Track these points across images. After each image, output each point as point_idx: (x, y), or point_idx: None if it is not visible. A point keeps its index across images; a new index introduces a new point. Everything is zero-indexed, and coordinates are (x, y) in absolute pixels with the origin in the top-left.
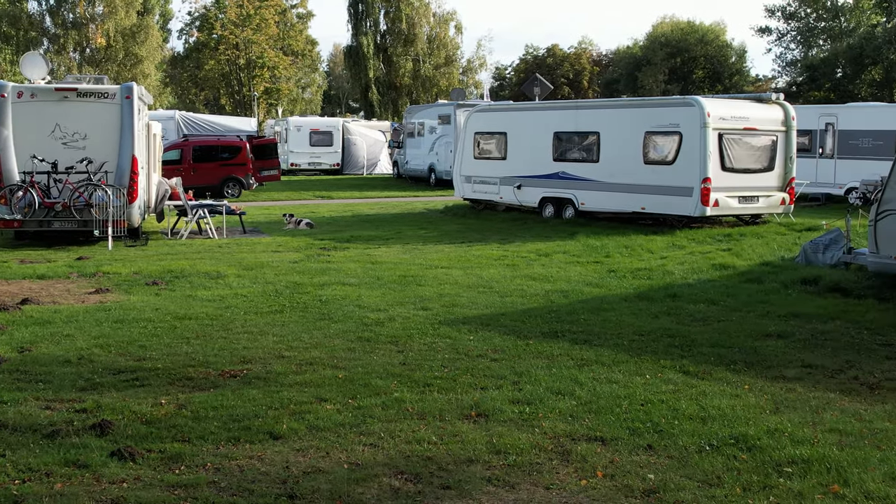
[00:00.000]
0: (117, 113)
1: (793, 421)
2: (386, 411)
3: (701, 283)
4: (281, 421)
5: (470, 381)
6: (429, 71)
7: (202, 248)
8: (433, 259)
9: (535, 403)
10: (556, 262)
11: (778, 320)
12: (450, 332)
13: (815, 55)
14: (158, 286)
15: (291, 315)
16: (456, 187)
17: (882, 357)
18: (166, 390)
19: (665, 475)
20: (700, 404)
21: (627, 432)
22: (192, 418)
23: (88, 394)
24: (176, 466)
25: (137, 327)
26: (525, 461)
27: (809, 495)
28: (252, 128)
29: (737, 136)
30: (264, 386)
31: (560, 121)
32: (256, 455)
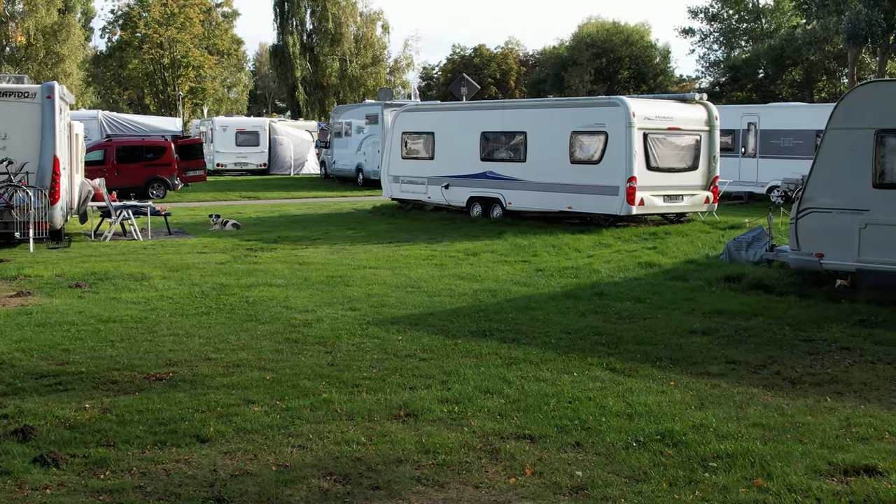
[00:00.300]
0: (38, 113)
1: (717, 416)
2: (314, 412)
3: (627, 282)
4: (208, 424)
5: (398, 381)
6: (356, 71)
7: (127, 249)
8: (361, 259)
9: (464, 402)
10: (484, 261)
11: (702, 317)
12: (378, 333)
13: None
14: (82, 289)
15: (218, 317)
16: (384, 187)
17: (803, 352)
18: (90, 394)
19: (593, 472)
20: (627, 401)
21: (555, 430)
22: (116, 422)
23: (10, 399)
24: (100, 472)
25: (60, 331)
26: (454, 460)
27: (734, 489)
28: (177, 128)
29: (661, 136)
30: (191, 389)
31: (487, 121)
32: (183, 459)
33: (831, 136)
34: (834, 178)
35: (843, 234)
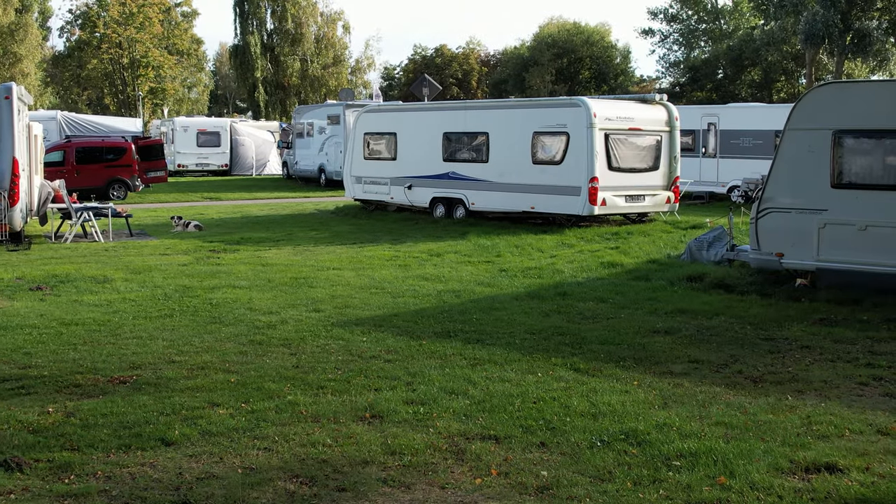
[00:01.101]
0: None
1: (680, 415)
2: (280, 415)
3: (590, 282)
4: (173, 427)
5: (364, 383)
6: (317, 71)
7: (88, 251)
8: (325, 260)
9: (429, 403)
10: (447, 262)
11: (665, 317)
12: (343, 334)
13: (696, 56)
14: (43, 291)
15: (181, 319)
16: (346, 188)
17: (765, 351)
18: (53, 398)
19: (558, 472)
20: (591, 401)
21: (520, 430)
22: (80, 426)
23: None
24: (65, 476)
25: (22, 334)
26: (420, 461)
27: (697, 487)
28: (137, 128)
29: (622, 137)
30: (155, 392)
31: (449, 121)
32: (148, 462)
33: (790, 136)
34: (793, 179)
35: (802, 233)
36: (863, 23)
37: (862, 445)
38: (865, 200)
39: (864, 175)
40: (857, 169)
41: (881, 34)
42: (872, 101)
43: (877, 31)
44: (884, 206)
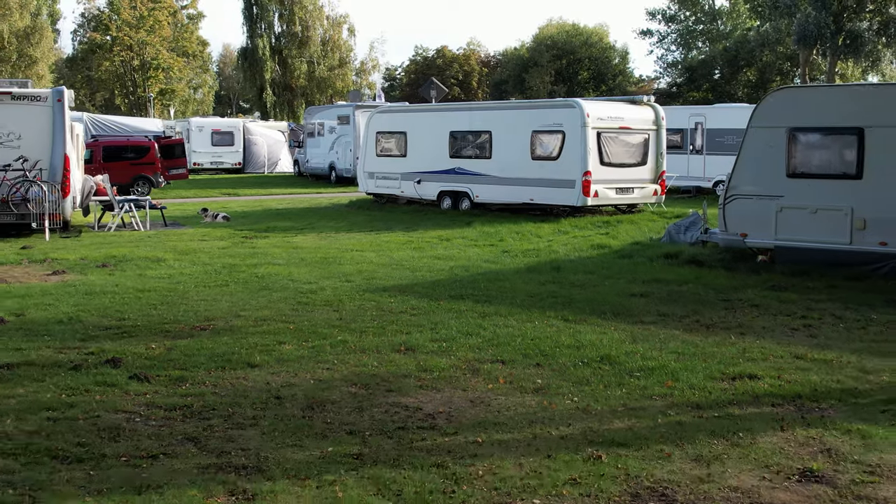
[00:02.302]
0: (49, 115)
1: (644, 347)
2: (334, 348)
3: (581, 259)
4: (254, 355)
5: (396, 329)
6: (323, 72)
7: (132, 238)
8: (348, 244)
9: (450, 341)
10: (456, 245)
11: (642, 284)
12: (373, 297)
13: (693, 57)
14: (108, 268)
15: (235, 288)
16: (360, 183)
17: (721, 308)
18: (152, 339)
19: (549, 380)
20: (576, 339)
21: (521, 356)
22: (182, 356)
23: (89, 343)
24: (181, 385)
25: (106, 298)
26: (445, 375)
27: (650, 387)
28: (159, 128)
29: (613, 135)
30: (231, 335)
31: (455, 121)
32: (241, 377)
33: (752, 133)
34: (754, 170)
35: (762, 216)
36: (854, 24)
37: (779, 364)
38: (815, 188)
39: (814, 166)
40: (808, 161)
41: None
42: (821, 104)
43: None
44: (830, 193)
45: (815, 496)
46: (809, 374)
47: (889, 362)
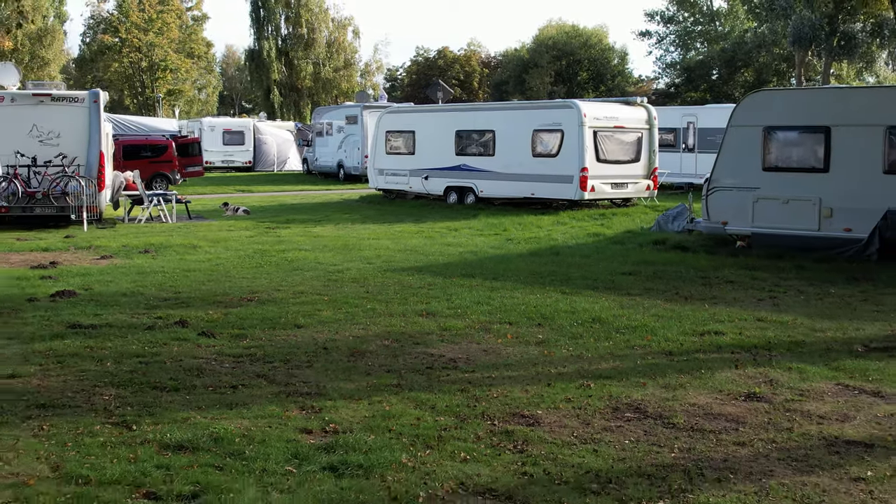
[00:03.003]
0: (86, 115)
1: (630, 312)
2: (366, 314)
3: (577, 245)
4: (298, 319)
5: (417, 300)
6: (329, 74)
7: (163, 229)
8: (364, 234)
9: (464, 308)
10: (463, 234)
11: (631, 265)
12: (394, 276)
13: (691, 57)
14: (150, 254)
15: (270, 269)
16: (370, 179)
17: (699, 284)
18: (208, 308)
19: (548, 336)
20: (572, 306)
21: (525, 319)
22: (237, 319)
23: (155, 310)
24: (242, 340)
25: (158, 277)
26: (462, 332)
27: (633, 340)
28: (174, 128)
29: (609, 133)
30: (275, 305)
31: (461, 121)
32: (291, 335)
33: (731, 131)
34: (733, 164)
35: (741, 206)
36: (848, 26)
37: (742, 325)
38: (787, 180)
39: (786, 161)
40: (781, 156)
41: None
42: (793, 105)
43: (861, 33)
44: (801, 185)
45: (755, 409)
46: (766, 332)
47: (836, 323)
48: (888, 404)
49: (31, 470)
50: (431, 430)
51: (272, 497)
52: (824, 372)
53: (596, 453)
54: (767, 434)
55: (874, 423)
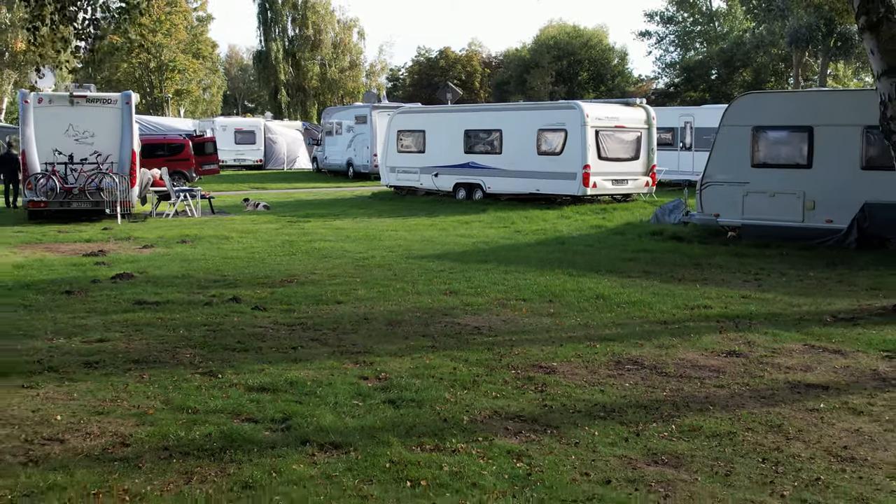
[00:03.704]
0: (119, 115)
1: (630, 290)
2: (396, 292)
3: (581, 236)
4: (337, 296)
5: (440, 281)
6: (335, 74)
7: (192, 222)
8: (381, 226)
9: (482, 287)
10: (475, 227)
11: (631, 253)
12: (416, 262)
13: (691, 57)
14: (188, 244)
15: (302, 257)
16: (382, 176)
17: (692, 268)
18: (255, 288)
19: (558, 309)
20: (578, 285)
21: (537, 296)
22: (283, 297)
23: (208, 290)
24: (292, 313)
25: (201, 263)
26: (482, 307)
27: (632, 312)
28: (190, 127)
29: (609, 132)
30: (314, 286)
31: (469, 121)
32: (333, 309)
33: (723, 131)
34: (725, 161)
35: (731, 200)
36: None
37: (728, 301)
38: (774, 176)
39: (773, 158)
40: (769, 153)
41: None
42: (779, 106)
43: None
44: (786, 180)
45: (734, 362)
46: (749, 306)
47: (811, 299)
48: (845, 359)
49: (146, 404)
50: (466, 377)
51: (346, 420)
52: (795, 336)
53: (602, 392)
54: (743, 380)
55: (832, 372)
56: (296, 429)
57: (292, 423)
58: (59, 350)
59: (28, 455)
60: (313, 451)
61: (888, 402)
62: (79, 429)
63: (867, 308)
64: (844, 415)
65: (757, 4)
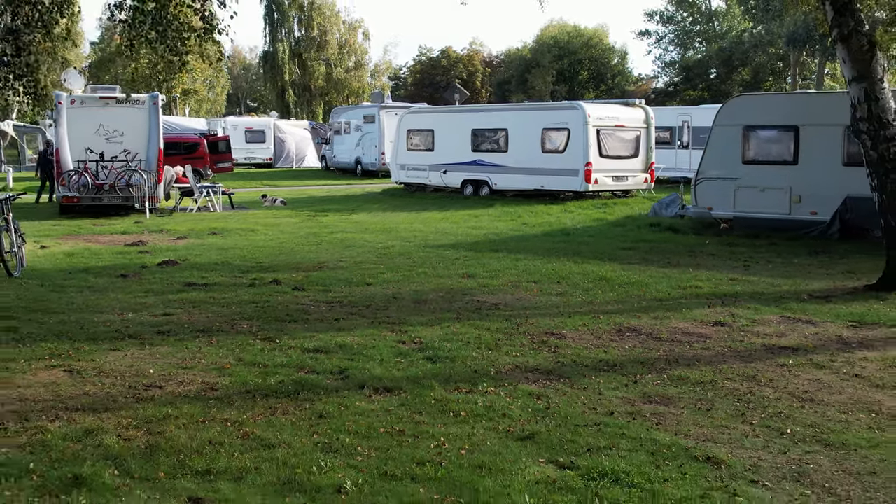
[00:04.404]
0: (146, 115)
1: (629, 273)
2: (419, 276)
3: (584, 227)
4: (366, 279)
5: (458, 266)
6: (340, 74)
7: (216, 216)
8: (396, 220)
9: (496, 272)
10: (484, 220)
11: (631, 242)
12: (433, 251)
13: (690, 56)
14: (218, 235)
15: (327, 246)
16: (392, 173)
17: (686, 255)
18: (290, 272)
19: (566, 290)
20: (583, 270)
21: (546, 278)
22: (317, 280)
23: (249, 274)
24: (328, 293)
25: (236, 251)
26: (498, 288)
27: (632, 291)
28: (204, 127)
29: (610, 131)
30: (343, 270)
31: (476, 120)
32: (363, 290)
33: (716, 130)
34: (718, 158)
35: (724, 193)
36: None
37: (718, 282)
38: (763, 172)
39: (762, 155)
40: (758, 151)
41: None
42: (768, 107)
43: None
44: (774, 176)
45: (719, 330)
46: (736, 286)
47: (791, 281)
48: (816, 328)
49: (222, 361)
50: (490, 341)
51: (393, 371)
52: (774, 310)
53: (605, 353)
54: (725, 343)
55: (802, 337)
56: (352, 378)
57: (349, 373)
58: (131, 322)
59: (136, 397)
60: (370, 393)
61: (847, 360)
62: (171, 379)
63: (841, 288)
64: (809, 369)
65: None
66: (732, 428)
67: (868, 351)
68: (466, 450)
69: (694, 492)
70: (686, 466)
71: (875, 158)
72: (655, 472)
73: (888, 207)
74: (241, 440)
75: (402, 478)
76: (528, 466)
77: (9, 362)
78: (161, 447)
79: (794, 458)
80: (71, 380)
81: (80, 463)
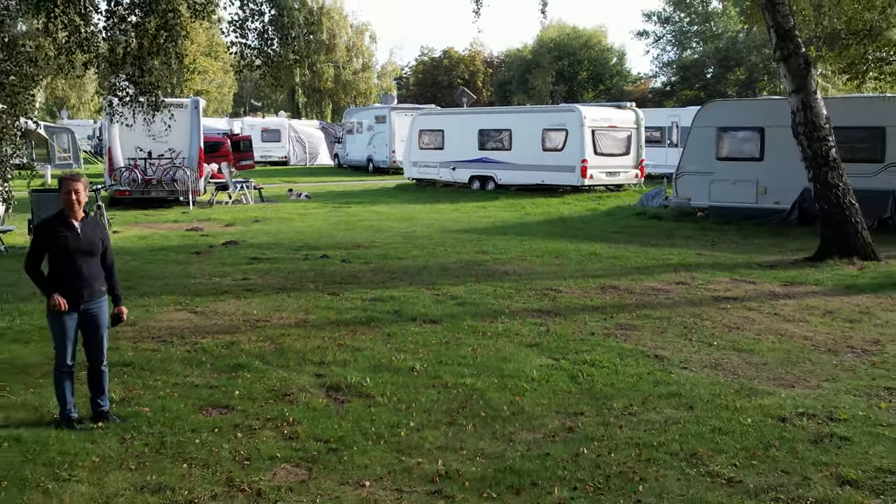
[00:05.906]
0: (189, 117)
1: (615, 250)
2: (441, 252)
3: (579, 216)
4: (399, 255)
5: (472, 246)
6: (348, 76)
7: (250, 208)
8: (413, 211)
9: (505, 249)
10: (491, 210)
11: (619, 227)
12: (450, 234)
13: (687, 56)
14: (260, 223)
15: (358, 231)
16: (405, 170)
17: (665, 237)
18: (334, 250)
19: (562, 262)
20: (577, 248)
21: (546, 254)
22: (358, 255)
23: (300, 251)
24: (369, 264)
25: (283, 235)
26: (507, 260)
27: (616, 263)
28: (227, 127)
29: (604, 131)
30: (377, 249)
31: (483, 121)
32: (398, 262)
33: (693, 131)
34: (695, 155)
35: (701, 186)
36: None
37: (686, 257)
38: (734, 167)
39: (733, 152)
40: (730, 149)
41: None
42: (738, 112)
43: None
44: (744, 170)
45: (679, 288)
46: (700, 259)
47: (747, 255)
48: (755, 286)
49: (304, 306)
50: (503, 293)
51: (434, 311)
52: (726, 275)
53: (591, 301)
54: (682, 295)
55: (742, 292)
56: (405, 315)
57: (402, 312)
58: (221, 284)
59: (252, 325)
60: (420, 323)
61: (773, 306)
62: (271, 317)
63: (786, 260)
64: (741, 311)
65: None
66: (677, 342)
67: (790, 300)
68: (493, 351)
69: (643, 371)
70: (640, 360)
71: (811, 155)
72: (619, 361)
73: (821, 195)
74: (338, 347)
75: (452, 364)
76: (535, 359)
77: (146, 307)
78: (285, 350)
79: (715, 356)
80: (198, 318)
81: (236, 357)
